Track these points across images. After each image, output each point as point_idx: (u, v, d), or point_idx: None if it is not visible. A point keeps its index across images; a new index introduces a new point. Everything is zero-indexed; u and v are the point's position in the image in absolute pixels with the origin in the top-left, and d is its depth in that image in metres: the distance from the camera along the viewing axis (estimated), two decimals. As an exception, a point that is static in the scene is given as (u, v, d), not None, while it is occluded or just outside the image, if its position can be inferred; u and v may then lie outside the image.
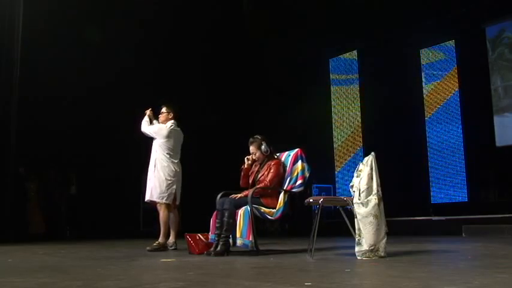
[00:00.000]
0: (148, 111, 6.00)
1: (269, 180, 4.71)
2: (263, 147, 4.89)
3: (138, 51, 10.73)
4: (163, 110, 5.91)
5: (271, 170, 4.77)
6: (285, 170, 4.84)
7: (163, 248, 5.45)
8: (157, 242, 5.51)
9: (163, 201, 5.61)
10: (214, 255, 4.45)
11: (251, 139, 4.98)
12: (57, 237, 9.42)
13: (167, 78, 10.91)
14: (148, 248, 5.42)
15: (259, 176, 4.87)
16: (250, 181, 4.95)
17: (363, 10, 10.39)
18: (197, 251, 4.86)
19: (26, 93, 8.73)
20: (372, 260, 3.73)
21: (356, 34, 11.06)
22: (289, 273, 3.16)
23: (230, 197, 4.76)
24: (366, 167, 3.92)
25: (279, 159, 4.91)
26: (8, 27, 8.29)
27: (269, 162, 4.85)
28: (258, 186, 4.74)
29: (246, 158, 4.98)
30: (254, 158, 4.96)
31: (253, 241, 4.43)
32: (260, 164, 4.95)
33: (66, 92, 9.90)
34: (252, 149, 4.95)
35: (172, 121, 5.83)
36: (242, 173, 4.98)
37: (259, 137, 4.94)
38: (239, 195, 4.76)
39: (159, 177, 5.63)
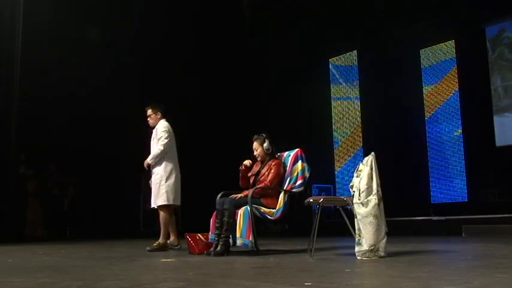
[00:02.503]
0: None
1: (269, 181, 4.72)
2: (265, 145, 4.89)
3: (137, 50, 10.74)
4: (150, 112, 5.71)
5: (272, 170, 4.77)
6: (285, 170, 4.84)
7: (163, 248, 5.45)
8: (157, 242, 5.51)
9: (171, 202, 5.57)
10: (214, 255, 4.46)
11: (255, 136, 4.99)
12: (57, 237, 9.42)
13: (167, 78, 10.90)
14: (148, 248, 5.42)
15: (259, 176, 4.87)
16: (250, 181, 4.95)
17: (363, 10, 10.39)
18: (197, 251, 4.86)
19: (26, 93, 8.73)
20: (372, 260, 3.73)
21: (356, 34, 11.06)
22: (289, 273, 3.15)
23: (230, 197, 4.77)
24: (366, 167, 3.92)
25: (279, 159, 4.91)
26: (9, 24, 8.28)
27: (270, 162, 4.86)
28: (258, 186, 4.74)
29: (243, 164, 4.97)
30: (255, 154, 4.96)
31: (253, 241, 4.42)
32: (261, 163, 4.96)
33: (66, 93, 9.90)
34: (255, 145, 4.96)
35: (163, 120, 5.72)
36: (240, 174, 4.98)
37: (264, 135, 4.95)
38: (239, 195, 4.76)
39: (160, 181, 5.59)
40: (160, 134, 5.58)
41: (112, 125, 10.39)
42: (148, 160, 5.58)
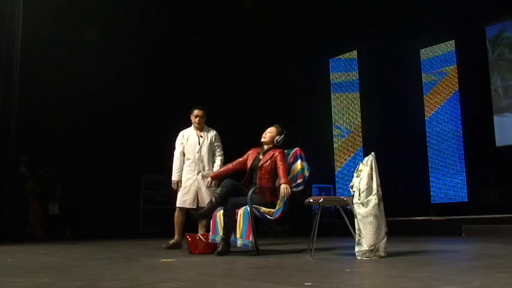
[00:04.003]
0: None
1: (283, 164, 4.69)
2: (279, 137, 4.91)
3: (138, 50, 10.73)
4: (202, 114, 5.82)
5: (278, 158, 4.74)
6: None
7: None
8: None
9: None
10: (216, 255, 4.49)
11: (278, 125, 5.02)
12: (57, 237, 9.42)
13: (168, 78, 10.90)
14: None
15: (260, 162, 4.83)
16: (248, 166, 4.93)
17: (363, 10, 10.39)
18: (197, 251, 4.87)
19: (26, 93, 8.73)
20: (372, 260, 3.73)
21: (356, 34, 11.06)
22: (289, 273, 3.15)
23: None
24: (366, 167, 3.92)
25: (281, 149, 4.92)
26: (9, 24, 8.27)
27: (271, 152, 4.83)
28: (287, 182, 4.65)
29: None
30: (264, 134, 4.96)
31: (253, 241, 4.42)
32: (257, 153, 4.96)
33: (66, 93, 9.90)
34: (271, 129, 4.96)
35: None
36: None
37: (285, 131, 4.98)
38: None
39: (206, 182, 5.64)
40: (219, 143, 5.88)
41: (113, 125, 10.39)
42: (216, 171, 5.56)
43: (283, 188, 4.53)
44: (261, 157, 4.88)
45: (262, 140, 4.95)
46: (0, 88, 8.25)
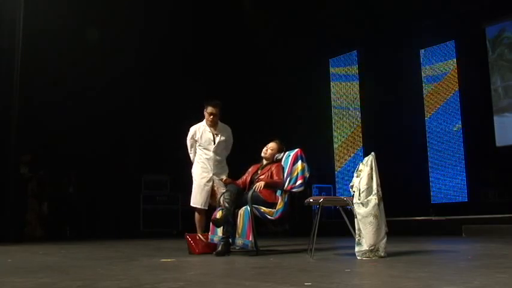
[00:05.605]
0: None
1: (280, 178, 4.78)
2: (279, 155, 4.98)
3: (138, 50, 10.73)
4: (216, 111, 5.32)
5: (275, 172, 4.84)
6: (284, 172, 4.89)
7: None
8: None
9: None
10: (215, 255, 4.49)
11: (278, 140, 5.07)
12: (57, 237, 9.42)
13: (168, 79, 10.90)
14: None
15: (257, 176, 4.91)
16: (247, 180, 4.97)
17: (363, 10, 10.39)
18: (197, 251, 4.87)
19: (27, 93, 8.74)
20: (372, 260, 3.73)
21: (356, 34, 11.06)
22: (289, 273, 3.16)
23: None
24: (366, 167, 3.92)
25: (280, 162, 4.98)
26: (9, 24, 8.27)
27: (270, 166, 4.92)
28: (266, 180, 4.75)
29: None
30: (265, 151, 5.02)
31: (253, 241, 4.43)
32: (259, 166, 5.03)
33: (66, 93, 9.91)
34: (272, 145, 5.02)
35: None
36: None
37: (284, 147, 5.04)
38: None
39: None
40: (231, 140, 5.51)
41: (112, 124, 10.39)
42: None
43: (258, 184, 4.65)
44: (259, 172, 4.99)
45: (263, 155, 5.04)
46: (0, 88, 8.26)
